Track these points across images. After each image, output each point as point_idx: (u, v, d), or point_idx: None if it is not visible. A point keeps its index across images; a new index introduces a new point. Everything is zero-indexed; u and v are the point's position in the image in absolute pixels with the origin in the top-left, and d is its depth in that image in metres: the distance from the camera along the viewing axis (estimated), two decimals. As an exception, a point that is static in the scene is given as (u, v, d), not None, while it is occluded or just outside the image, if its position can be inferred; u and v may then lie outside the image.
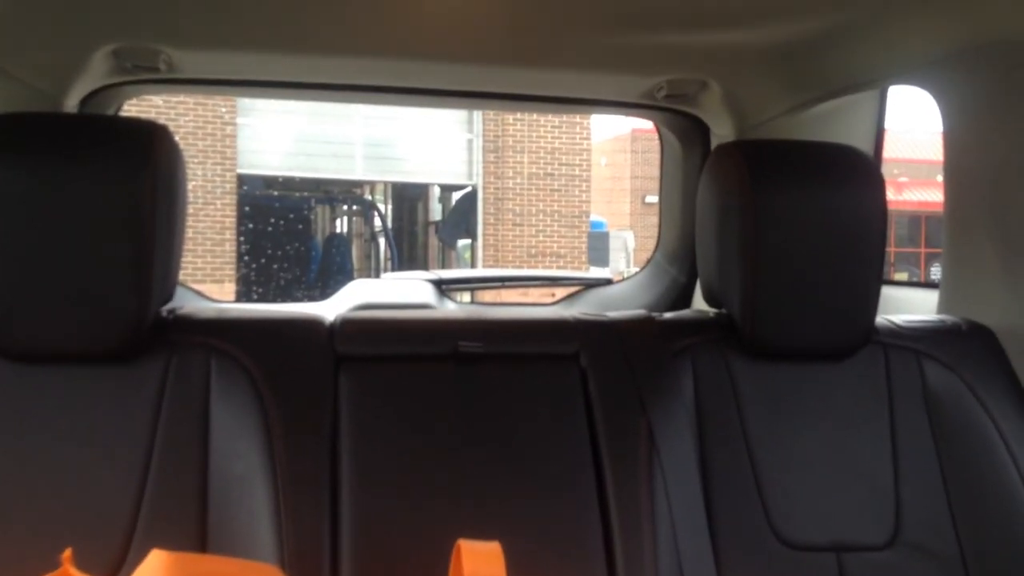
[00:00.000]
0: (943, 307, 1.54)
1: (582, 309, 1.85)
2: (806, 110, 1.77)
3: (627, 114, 2.20)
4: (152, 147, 1.09)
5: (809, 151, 1.33)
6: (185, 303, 1.28)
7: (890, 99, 1.84)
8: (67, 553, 0.89)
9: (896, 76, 1.57)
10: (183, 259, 1.21)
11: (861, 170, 1.27)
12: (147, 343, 1.13)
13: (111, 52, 1.61)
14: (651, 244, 2.45)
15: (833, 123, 1.81)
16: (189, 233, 1.25)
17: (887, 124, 1.87)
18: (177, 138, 1.16)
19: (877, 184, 1.26)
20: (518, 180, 11.68)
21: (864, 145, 1.82)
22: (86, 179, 1.06)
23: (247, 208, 10.99)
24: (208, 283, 9.74)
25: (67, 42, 1.54)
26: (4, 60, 1.44)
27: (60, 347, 1.09)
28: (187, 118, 10.08)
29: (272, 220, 11.33)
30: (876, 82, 1.65)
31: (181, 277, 1.23)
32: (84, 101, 1.75)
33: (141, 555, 0.87)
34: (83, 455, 1.08)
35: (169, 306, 1.20)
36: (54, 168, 1.05)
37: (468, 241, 12.00)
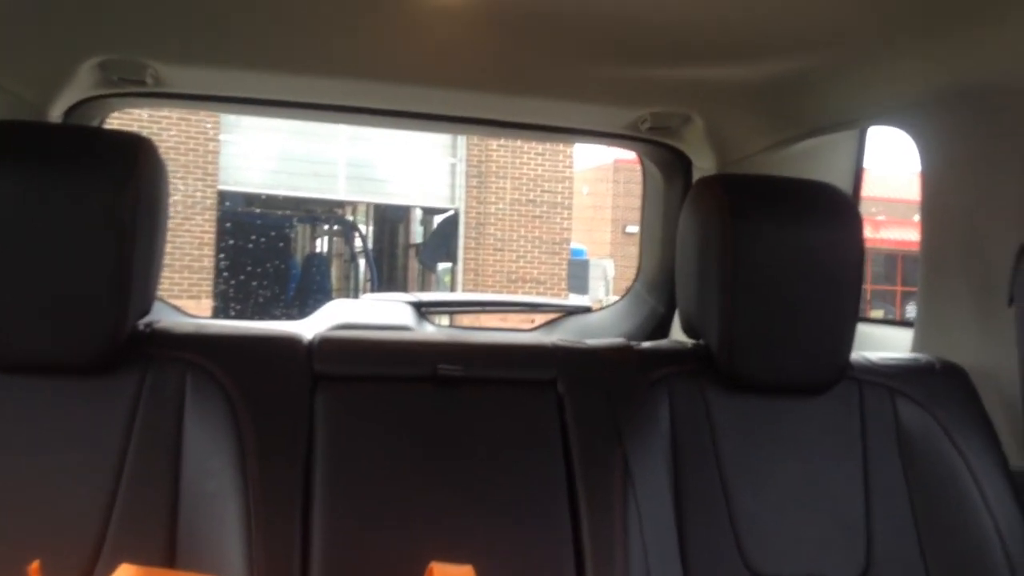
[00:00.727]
0: (917, 345, 1.55)
1: (561, 336, 1.86)
2: (787, 147, 1.80)
3: (611, 144, 2.22)
4: (137, 160, 1.09)
5: (789, 187, 1.35)
6: (163, 318, 1.28)
7: (870, 138, 1.87)
8: (35, 565, 0.88)
9: (876, 117, 1.60)
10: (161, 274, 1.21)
11: (839, 208, 1.29)
12: (123, 356, 1.12)
13: (98, 64, 1.61)
14: (630, 273, 2.46)
15: (813, 161, 1.83)
16: (167, 248, 1.25)
17: (866, 163, 1.89)
18: (160, 152, 1.16)
19: (855, 222, 1.28)
20: (500, 206, 11.71)
21: (843, 183, 1.84)
22: (69, 189, 1.05)
23: (228, 225, 10.95)
24: (184, 299, 9.66)
25: (54, 53, 1.54)
26: None
27: (36, 357, 1.08)
28: (170, 132, 10.05)
29: (252, 237, 11.28)
30: (856, 122, 1.68)
31: (157, 292, 1.23)
32: (69, 112, 1.75)
33: (109, 568, 0.86)
34: (54, 466, 1.07)
35: (146, 320, 1.19)
36: (37, 177, 1.05)
37: (448, 265, 12.00)
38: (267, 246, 11.35)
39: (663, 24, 1.37)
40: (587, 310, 2.63)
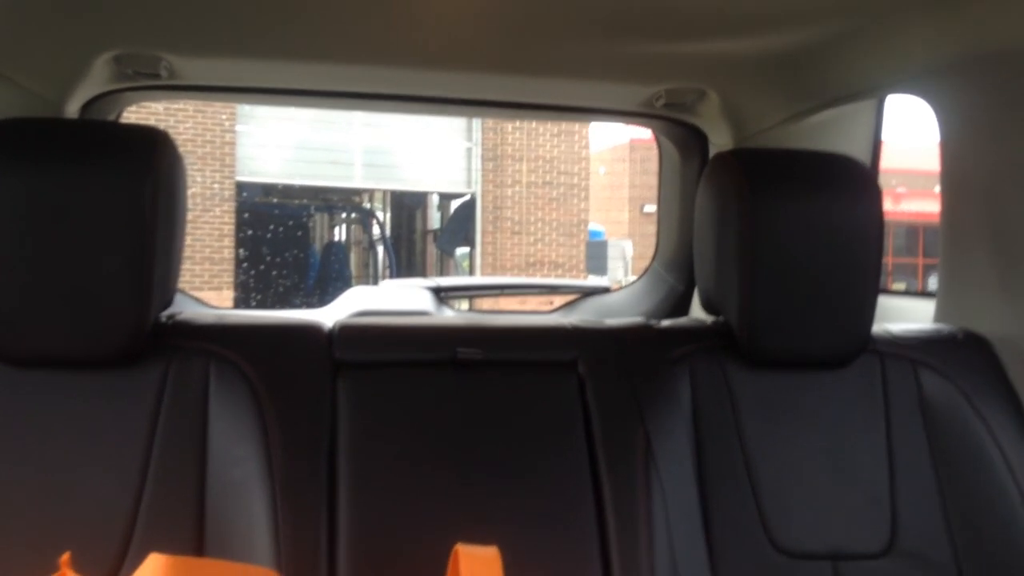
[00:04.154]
0: (939, 316, 1.54)
1: (580, 317, 1.86)
2: (804, 119, 1.78)
3: (626, 122, 2.21)
4: (155, 154, 1.09)
5: (807, 160, 1.34)
6: (184, 309, 1.28)
7: (888, 109, 1.85)
8: (65, 556, 0.89)
9: (894, 85, 1.58)
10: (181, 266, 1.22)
11: (858, 180, 1.28)
12: (146, 348, 1.13)
13: (112, 58, 1.61)
14: (649, 253, 2.46)
15: (831, 133, 1.82)
16: (187, 240, 1.25)
17: (886, 135, 1.87)
18: (177, 145, 1.17)
19: (874, 193, 1.26)
20: (517, 189, 11.70)
21: (861, 155, 1.83)
22: (89, 185, 1.06)
23: (246, 215, 11.00)
24: (206, 290, 9.73)
25: (69, 48, 1.55)
26: (5, 65, 1.44)
27: (60, 351, 1.09)
28: (187, 125, 10.09)
29: (271, 227, 11.34)
30: (874, 91, 1.66)
31: (178, 284, 1.24)
32: (85, 107, 1.76)
33: (139, 559, 0.87)
34: (82, 459, 1.09)
35: (168, 312, 1.20)
36: (56, 174, 1.05)
37: (467, 249, 12.01)
38: (286, 236, 11.40)
39: None
40: (606, 290, 2.63)
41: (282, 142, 11.09)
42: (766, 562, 1.21)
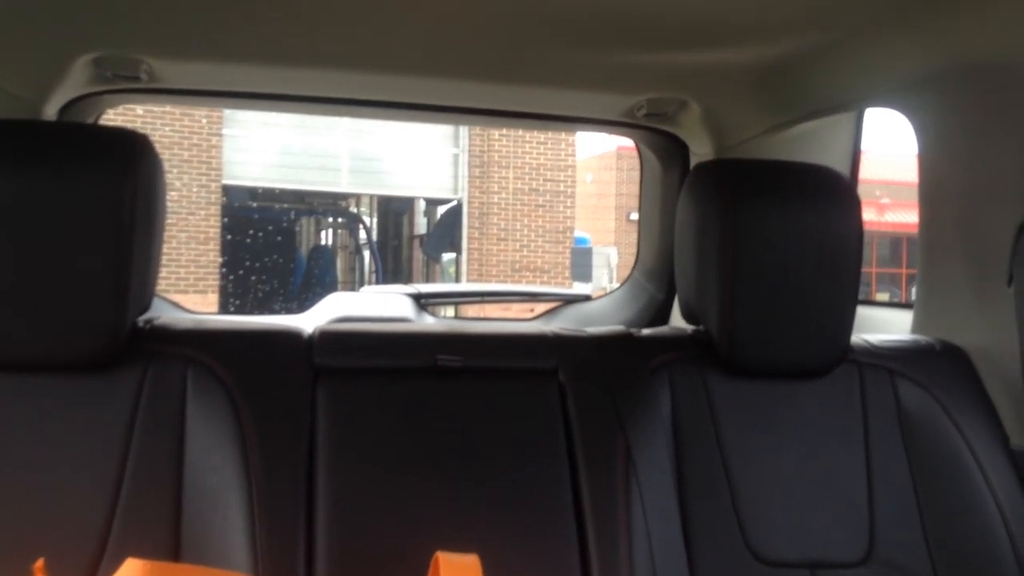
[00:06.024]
0: (917, 327, 1.55)
1: (561, 325, 1.86)
2: (784, 131, 1.79)
3: (607, 132, 2.22)
4: (134, 157, 1.09)
5: (787, 171, 1.35)
6: (162, 314, 1.28)
7: (873, 121, 1.87)
8: (39, 563, 0.88)
9: (872, 98, 1.59)
10: (165, 269, 1.21)
11: (837, 191, 1.29)
12: (123, 353, 1.12)
13: (92, 61, 1.61)
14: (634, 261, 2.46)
15: (810, 144, 1.83)
16: (172, 243, 1.25)
17: (868, 145, 1.88)
18: (161, 148, 1.16)
19: (853, 205, 1.27)
20: (503, 195, 11.69)
21: (841, 166, 1.84)
22: (67, 188, 1.05)
23: (233, 219, 10.95)
24: (191, 293, 9.67)
25: (48, 50, 1.54)
26: None
27: (36, 355, 1.08)
28: (172, 127, 10.03)
29: (256, 231, 11.29)
30: (853, 104, 1.67)
31: (163, 287, 1.23)
32: (64, 109, 1.75)
33: (114, 565, 0.87)
34: (57, 464, 1.08)
35: (146, 316, 1.20)
36: (34, 176, 1.05)
37: (453, 255, 11.99)
38: (271, 239, 11.36)
39: (658, 9, 1.37)
40: (587, 298, 2.63)
41: (268, 146, 11.05)
42: (744, 570, 1.21)
